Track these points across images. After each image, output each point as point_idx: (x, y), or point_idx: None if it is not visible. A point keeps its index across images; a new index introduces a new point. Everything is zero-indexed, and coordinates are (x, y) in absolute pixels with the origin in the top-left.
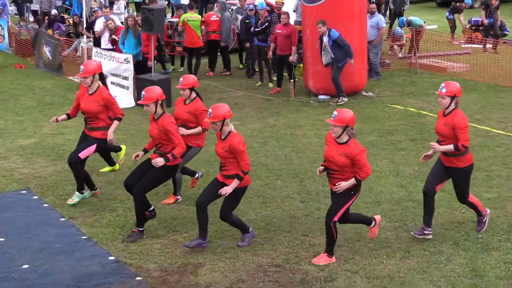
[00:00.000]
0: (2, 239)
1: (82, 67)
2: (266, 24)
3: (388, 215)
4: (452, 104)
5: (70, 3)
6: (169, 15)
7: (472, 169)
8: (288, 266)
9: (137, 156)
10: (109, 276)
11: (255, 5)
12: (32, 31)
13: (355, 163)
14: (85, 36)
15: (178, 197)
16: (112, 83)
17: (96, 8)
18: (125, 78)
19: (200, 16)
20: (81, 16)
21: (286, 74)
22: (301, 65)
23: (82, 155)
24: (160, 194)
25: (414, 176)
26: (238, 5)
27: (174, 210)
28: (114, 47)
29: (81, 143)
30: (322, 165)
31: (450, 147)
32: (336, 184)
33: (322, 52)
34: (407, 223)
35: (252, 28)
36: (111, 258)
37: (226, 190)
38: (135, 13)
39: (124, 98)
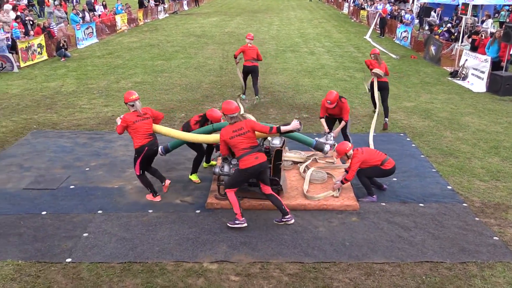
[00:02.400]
0: None
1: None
2: None
3: None
4: None
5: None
6: None
7: (243, 173)
8: None
9: None
10: (444, 198)
11: None
12: (425, 35)
13: None
14: (460, 42)
15: None
16: (472, 74)
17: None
18: (482, 72)
19: None
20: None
21: None
22: None
23: None
24: None
25: None
26: None
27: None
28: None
29: None
30: None
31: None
32: None
33: None
34: None
35: None
36: (449, 187)
37: None
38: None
39: (478, 86)
